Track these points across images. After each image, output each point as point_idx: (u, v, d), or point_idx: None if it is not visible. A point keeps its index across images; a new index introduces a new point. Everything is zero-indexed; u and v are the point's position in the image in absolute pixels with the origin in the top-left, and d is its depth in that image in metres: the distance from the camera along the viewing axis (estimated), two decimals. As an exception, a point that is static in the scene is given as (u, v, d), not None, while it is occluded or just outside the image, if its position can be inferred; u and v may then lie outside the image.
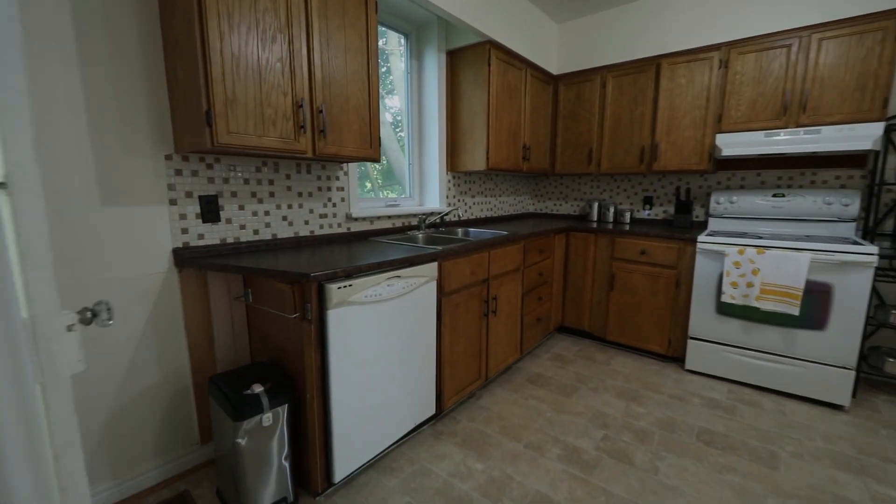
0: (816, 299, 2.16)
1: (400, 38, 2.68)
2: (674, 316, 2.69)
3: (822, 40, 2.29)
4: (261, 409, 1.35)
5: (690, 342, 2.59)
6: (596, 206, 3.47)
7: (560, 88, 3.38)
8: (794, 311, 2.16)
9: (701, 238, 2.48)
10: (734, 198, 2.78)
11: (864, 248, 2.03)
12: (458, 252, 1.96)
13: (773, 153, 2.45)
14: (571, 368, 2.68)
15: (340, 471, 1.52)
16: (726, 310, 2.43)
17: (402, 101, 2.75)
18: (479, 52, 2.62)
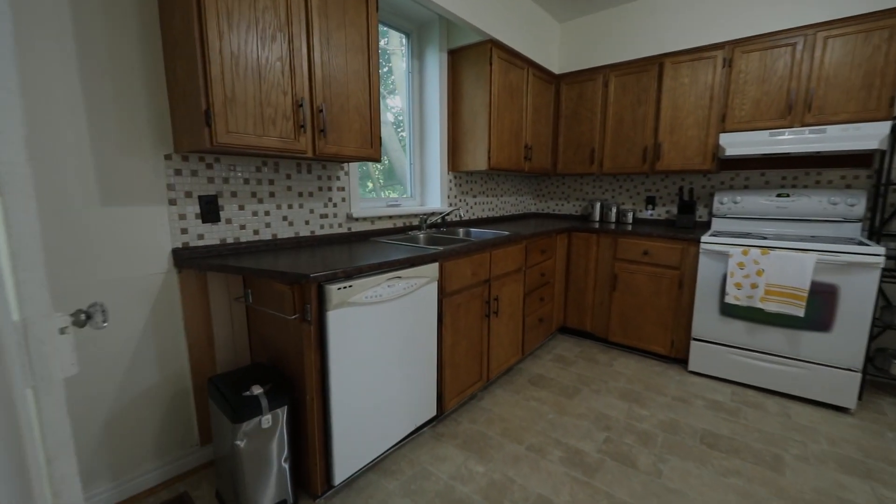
0: (822, 300, 2.14)
1: (401, 37, 2.67)
2: (677, 317, 2.67)
3: (827, 38, 2.26)
4: (260, 410, 1.34)
5: (694, 343, 2.57)
6: (598, 206, 3.45)
7: (562, 88, 3.36)
8: (799, 313, 2.13)
9: (704, 238, 2.46)
10: (738, 198, 2.75)
11: (871, 248, 2.01)
12: (460, 252, 1.95)
13: (777, 153, 2.42)
14: (573, 370, 2.66)
15: (340, 473, 1.51)
16: (730, 311, 2.40)
17: (404, 100, 2.74)
18: (481, 51, 2.60)
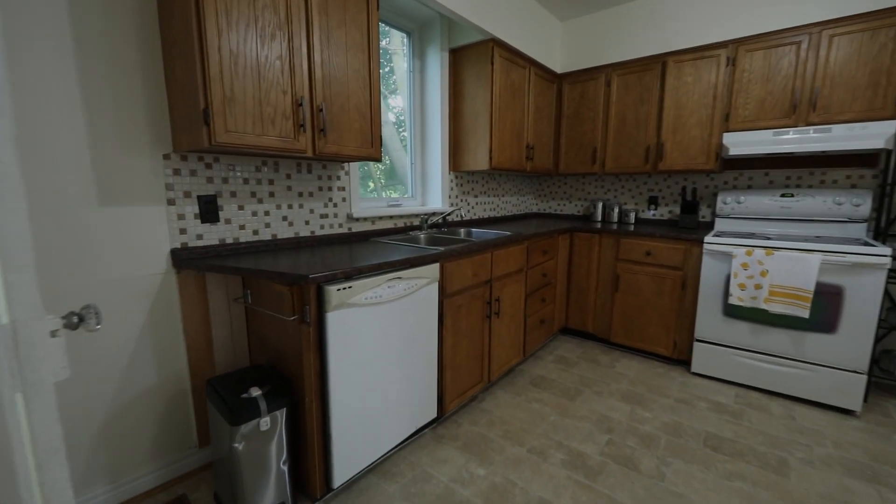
0: (827, 301, 2.11)
1: (403, 36, 2.66)
2: (679, 318, 2.64)
3: (832, 37, 2.24)
4: (258, 413, 1.33)
5: (697, 345, 2.55)
6: (600, 206, 3.43)
7: (564, 87, 3.34)
8: (803, 314, 2.11)
9: (708, 239, 2.44)
10: (741, 198, 2.73)
11: (877, 249, 1.98)
12: (461, 253, 1.93)
13: (781, 152, 2.39)
14: (575, 371, 2.64)
15: (340, 476, 1.49)
16: (734, 312, 2.38)
17: (405, 100, 2.72)
18: (483, 50, 2.58)
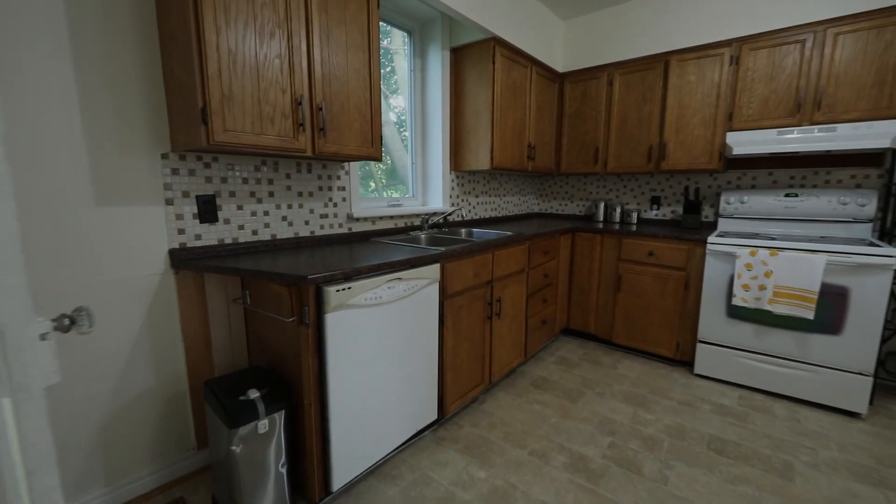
0: (832, 302, 2.09)
1: (404, 35, 2.64)
2: (682, 319, 2.62)
3: (837, 35, 2.21)
4: (256, 415, 1.31)
5: (700, 346, 2.53)
6: (602, 206, 3.41)
7: (566, 86, 3.32)
8: (808, 315, 2.09)
9: (711, 239, 2.41)
10: (745, 198, 2.71)
11: (883, 249, 1.96)
12: (462, 253, 1.91)
13: (785, 152, 2.37)
14: (577, 372, 2.62)
15: (339, 479, 1.47)
16: (737, 313, 2.36)
17: (406, 99, 2.71)
18: (484, 49, 2.56)
